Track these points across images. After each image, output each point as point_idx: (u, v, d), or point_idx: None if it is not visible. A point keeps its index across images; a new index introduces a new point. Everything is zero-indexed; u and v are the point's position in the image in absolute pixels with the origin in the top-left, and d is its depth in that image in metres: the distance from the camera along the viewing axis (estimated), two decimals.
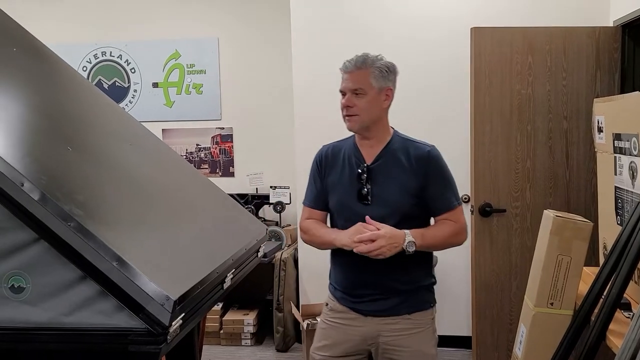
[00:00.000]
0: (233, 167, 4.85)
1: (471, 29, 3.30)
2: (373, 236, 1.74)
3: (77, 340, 1.45)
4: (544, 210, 2.06)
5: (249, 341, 4.13)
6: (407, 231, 1.78)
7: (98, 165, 1.96)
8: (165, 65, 4.84)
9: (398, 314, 1.87)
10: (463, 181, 3.68)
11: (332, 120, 3.94)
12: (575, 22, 3.45)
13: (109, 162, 2.08)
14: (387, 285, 1.87)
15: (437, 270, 3.69)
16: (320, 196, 1.99)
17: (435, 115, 3.76)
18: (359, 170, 1.86)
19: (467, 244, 3.55)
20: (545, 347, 1.81)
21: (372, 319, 1.89)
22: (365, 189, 1.84)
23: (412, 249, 1.76)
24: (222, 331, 4.15)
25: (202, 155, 4.88)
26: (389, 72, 1.88)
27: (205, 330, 3.11)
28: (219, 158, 4.87)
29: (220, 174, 4.86)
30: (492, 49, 3.29)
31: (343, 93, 1.88)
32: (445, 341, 3.79)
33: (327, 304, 2.02)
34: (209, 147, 4.87)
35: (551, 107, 3.32)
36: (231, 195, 3.00)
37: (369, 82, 1.84)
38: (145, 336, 1.42)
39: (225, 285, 1.96)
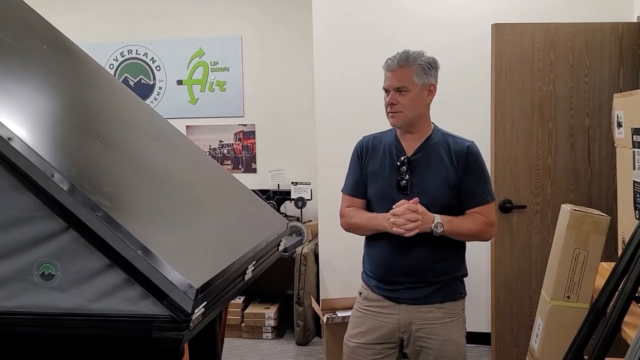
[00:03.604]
0: (255, 163, 4.92)
1: (492, 25, 3.29)
2: (411, 207, 1.79)
3: (103, 326, 1.51)
4: (562, 205, 2.07)
5: (269, 334, 4.19)
6: (436, 214, 1.82)
7: (124, 159, 2.03)
8: (190, 63, 4.92)
9: (431, 303, 1.92)
10: None
11: (353, 117, 4.00)
12: (598, 18, 3.42)
13: (135, 156, 2.14)
14: (422, 275, 1.91)
15: None
16: (360, 185, 2.03)
17: (456, 111, 3.76)
18: (400, 162, 1.91)
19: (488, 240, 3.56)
20: (561, 339, 1.82)
21: (405, 306, 1.93)
22: (405, 180, 1.89)
23: (439, 230, 1.81)
24: (243, 324, 4.22)
25: (225, 151, 4.95)
26: (431, 68, 1.94)
27: (226, 322, 3.17)
28: (241, 154, 4.93)
29: (242, 170, 4.93)
30: (513, 45, 3.28)
31: (387, 91, 1.92)
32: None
33: (360, 293, 2.06)
34: (232, 144, 4.94)
35: (573, 104, 3.30)
36: (253, 191, 3.05)
37: (411, 80, 1.89)
38: (168, 323, 1.47)
39: (247, 277, 2.01)
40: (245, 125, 4.90)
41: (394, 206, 1.83)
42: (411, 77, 1.89)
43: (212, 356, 2.54)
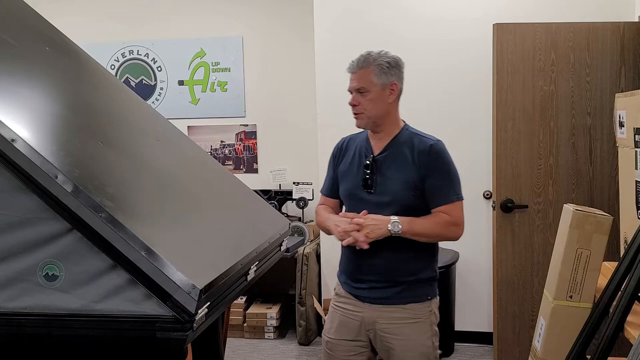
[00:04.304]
0: (257, 164, 4.92)
1: (493, 25, 3.30)
2: (356, 223, 1.81)
3: (107, 326, 1.51)
4: (564, 204, 2.07)
5: (271, 334, 4.19)
6: (393, 216, 1.83)
7: (127, 159, 2.03)
8: (191, 63, 4.92)
9: (395, 304, 1.93)
10: (485, 177, 3.68)
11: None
12: (599, 18, 3.42)
13: (138, 157, 2.14)
14: (386, 275, 1.93)
15: (458, 266, 3.71)
16: (333, 184, 2.09)
17: (459, 111, 3.76)
18: (367, 161, 1.94)
19: (489, 239, 3.56)
20: (564, 339, 1.83)
21: (369, 305, 1.95)
22: (370, 179, 1.91)
23: (397, 229, 1.81)
24: (245, 324, 4.22)
25: (227, 151, 4.95)
26: (391, 67, 1.93)
27: (229, 323, 3.18)
28: (242, 154, 4.94)
29: (244, 170, 4.93)
30: (515, 45, 3.28)
31: (351, 92, 1.95)
32: (466, 337, 3.80)
33: (334, 288, 2.11)
34: (233, 144, 4.94)
35: (574, 104, 3.30)
36: (255, 191, 3.06)
37: (370, 80, 1.90)
38: (172, 323, 1.48)
39: (249, 277, 2.01)
40: (247, 125, 4.91)
41: (337, 216, 1.90)
42: (370, 77, 1.90)
43: (215, 356, 2.54)
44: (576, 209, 1.93)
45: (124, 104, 2.58)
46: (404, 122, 2.02)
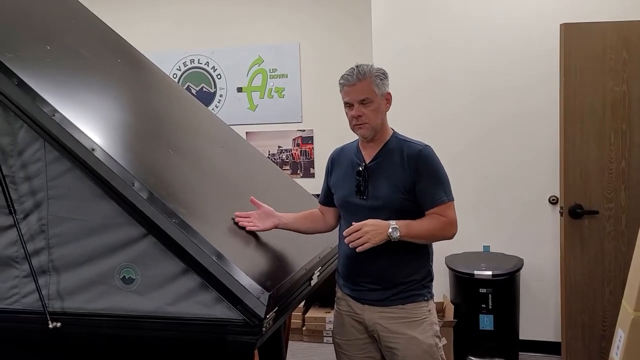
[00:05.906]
0: (313, 168, 4.94)
1: (561, 25, 3.19)
2: (357, 227, 1.83)
3: (179, 329, 1.56)
4: None
5: (330, 338, 4.19)
6: (392, 221, 1.86)
7: (195, 166, 2.09)
8: (249, 70, 5.01)
9: (393, 305, 1.96)
10: (550, 181, 3.56)
11: (411, 121, 3.94)
12: None
13: (205, 164, 2.20)
14: (383, 277, 1.96)
15: (523, 273, 3.60)
16: (326, 194, 2.18)
17: (524, 112, 3.65)
18: (359, 169, 2.01)
19: (556, 246, 3.44)
20: None
21: (369, 307, 1.99)
22: (362, 185, 1.98)
23: (396, 234, 1.84)
24: (304, 328, 4.25)
25: (284, 156, 5.00)
26: (385, 77, 2.00)
27: (290, 326, 3.20)
28: (299, 159, 4.98)
29: (301, 175, 4.96)
30: (583, 45, 3.16)
31: (349, 105, 1.99)
32: (532, 346, 3.69)
33: (336, 291, 2.14)
34: (290, 149, 4.99)
35: None
36: (313, 196, 3.07)
37: (373, 91, 1.96)
38: (242, 327, 1.51)
39: (313, 282, 2.03)
40: (304, 130, 4.94)
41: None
42: (372, 88, 1.96)
43: (278, 359, 2.57)
44: None
45: (189, 112, 2.66)
46: (392, 129, 2.08)
